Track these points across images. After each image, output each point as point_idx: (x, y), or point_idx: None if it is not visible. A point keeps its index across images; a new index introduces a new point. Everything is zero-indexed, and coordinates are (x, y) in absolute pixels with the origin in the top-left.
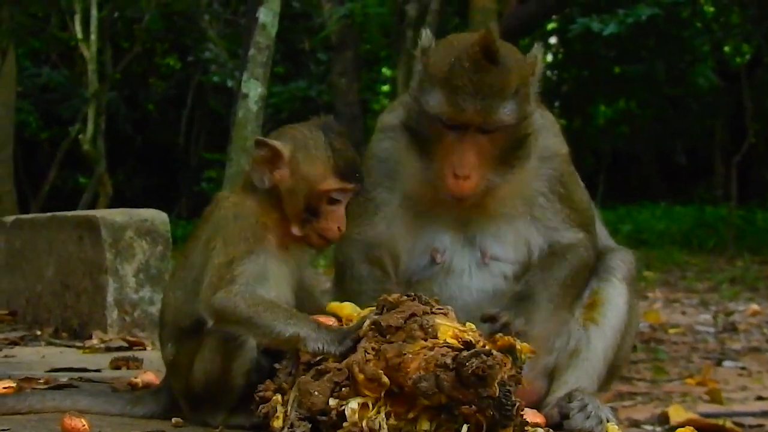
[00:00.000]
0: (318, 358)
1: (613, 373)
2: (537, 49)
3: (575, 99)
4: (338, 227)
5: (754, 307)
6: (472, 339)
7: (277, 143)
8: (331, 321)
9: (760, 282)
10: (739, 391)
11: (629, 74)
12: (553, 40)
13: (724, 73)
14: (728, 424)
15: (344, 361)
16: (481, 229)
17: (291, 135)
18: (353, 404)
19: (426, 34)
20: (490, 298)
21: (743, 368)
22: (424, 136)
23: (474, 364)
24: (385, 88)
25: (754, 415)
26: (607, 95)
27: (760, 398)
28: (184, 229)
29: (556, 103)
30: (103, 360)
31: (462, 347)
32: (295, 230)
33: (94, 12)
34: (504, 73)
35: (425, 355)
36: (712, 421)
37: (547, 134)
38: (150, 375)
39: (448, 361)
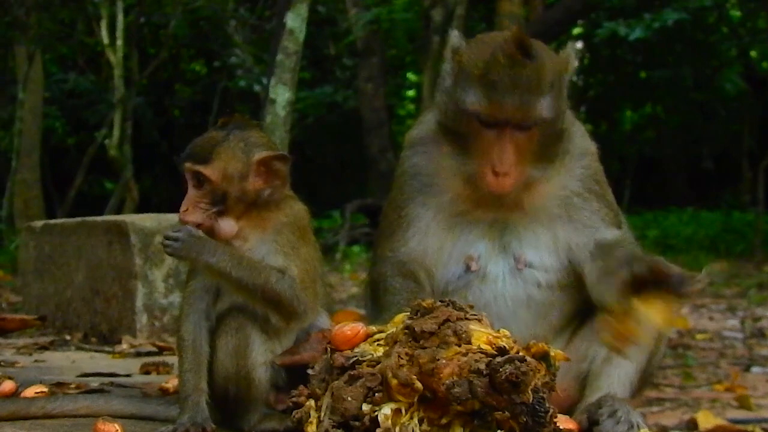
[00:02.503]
0: (351, 362)
1: (645, 379)
2: (570, 46)
3: (601, 104)
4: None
5: None
6: (505, 345)
7: None
8: (359, 328)
9: None
10: None
11: (655, 79)
12: (579, 45)
13: (751, 78)
14: (757, 430)
15: (378, 367)
16: (516, 235)
17: None
18: (386, 410)
19: (455, 35)
20: (525, 306)
21: None
22: (461, 135)
23: (507, 370)
24: (411, 93)
25: None
26: (633, 100)
27: None
28: None
29: (582, 108)
30: (133, 365)
31: (496, 353)
32: None
33: (120, 18)
34: (539, 67)
35: (459, 361)
36: (741, 427)
37: (577, 133)
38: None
39: (482, 366)
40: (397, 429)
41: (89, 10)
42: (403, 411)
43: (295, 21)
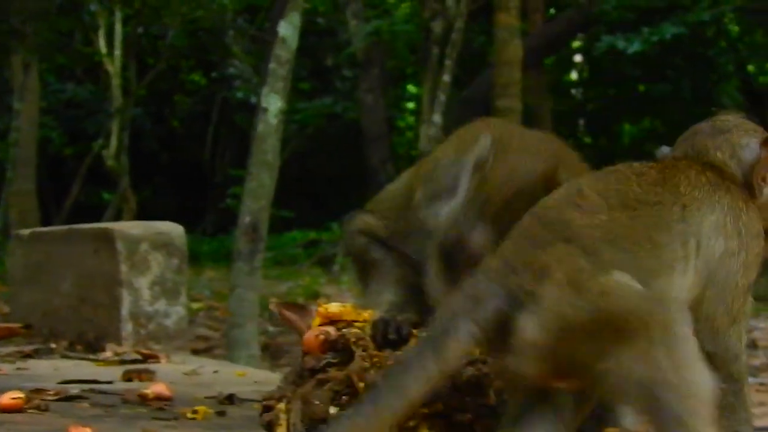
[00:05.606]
0: (321, 365)
1: None
2: None
3: (600, 118)
4: None
5: None
6: None
7: None
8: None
9: None
10: (758, 407)
11: (655, 93)
12: (578, 58)
13: (749, 92)
14: None
15: (344, 370)
16: None
17: None
18: None
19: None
20: None
21: (762, 384)
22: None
23: (469, 372)
24: (411, 105)
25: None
26: (632, 114)
27: None
28: (209, 246)
29: (581, 122)
30: (117, 372)
31: None
32: None
33: (118, 27)
34: None
35: None
36: None
37: None
38: (161, 386)
39: None
40: None
41: (86, 20)
42: None
43: (287, 29)
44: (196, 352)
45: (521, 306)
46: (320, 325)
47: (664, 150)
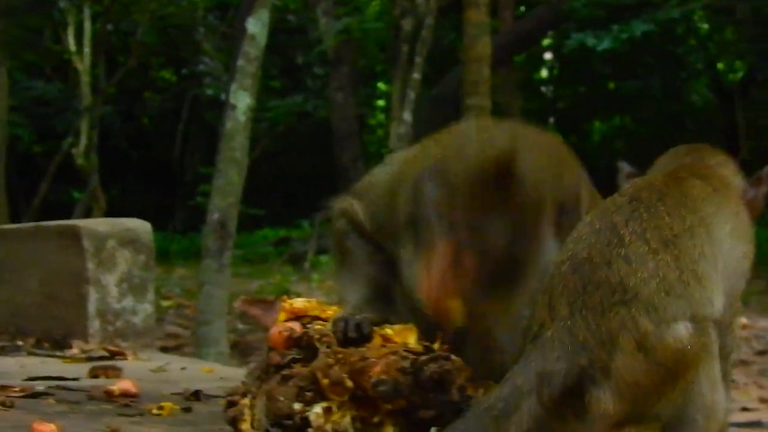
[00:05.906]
0: (286, 361)
1: None
2: None
3: (571, 115)
4: None
5: (743, 320)
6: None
7: None
8: (296, 326)
9: (750, 296)
10: None
11: (625, 90)
12: (548, 55)
13: (718, 90)
14: None
15: (309, 366)
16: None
17: None
18: (317, 409)
19: None
20: None
21: (731, 380)
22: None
23: (431, 369)
24: (381, 102)
25: (739, 425)
26: (602, 111)
27: (745, 409)
28: (179, 244)
29: (551, 120)
30: (84, 369)
31: (423, 352)
32: None
33: (87, 24)
34: (516, 196)
35: (388, 360)
36: None
37: None
38: (127, 383)
39: (407, 365)
40: (329, 426)
41: (56, 17)
42: (334, 409)
43: (256, 26)
44: (165, 349)
45: (593, 381)
46: (286, 321)
47: (625, 167)
